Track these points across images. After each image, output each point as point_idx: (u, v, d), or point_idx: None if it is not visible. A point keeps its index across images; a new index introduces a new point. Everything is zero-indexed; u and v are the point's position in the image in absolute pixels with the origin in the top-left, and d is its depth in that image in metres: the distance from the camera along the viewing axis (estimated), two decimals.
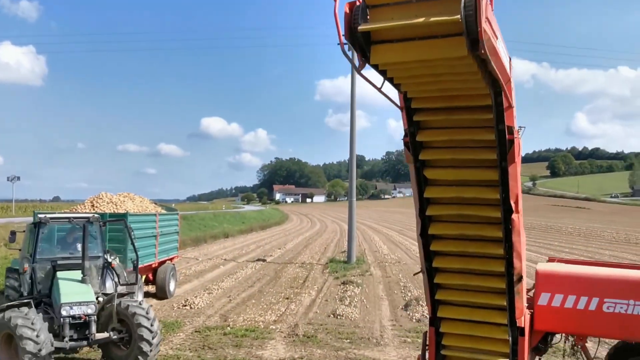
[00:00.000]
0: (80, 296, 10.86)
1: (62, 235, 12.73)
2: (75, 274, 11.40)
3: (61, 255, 11.97)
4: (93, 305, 10.83)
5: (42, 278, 11.50)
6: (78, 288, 11.09)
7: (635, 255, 33.53)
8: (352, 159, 32.03)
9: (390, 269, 27.38)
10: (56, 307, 10.62)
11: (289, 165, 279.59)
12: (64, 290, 10.83)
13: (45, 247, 11.90)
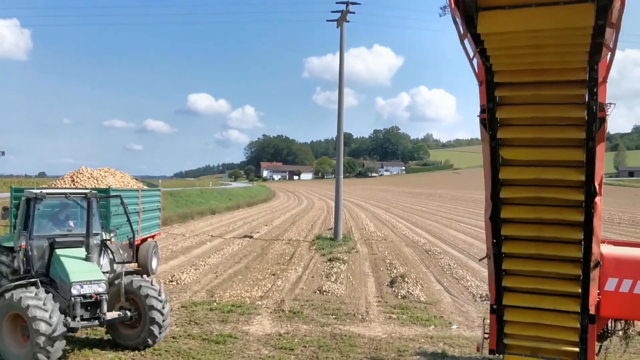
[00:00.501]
0: (89, 274, 10.48)
1: (57, 211, 12.12)
2: (75, 251, 11.08)
3: (58, 233, 11.49)
4: (104, 283, 10.46)
5: (38, 256, 11.03)
6: (85, 266, 10.75)
7: (619, 234, 33.91)
8: (340, 136, 32.02)
9: (377, 246, 27.55)
10: (64, 286, 10.23)
11: (277, 143, 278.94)
12: (71, 268, 10.44)
13: (40, 223, 11.34)
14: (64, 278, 10.28)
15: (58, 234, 11.39)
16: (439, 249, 26.50)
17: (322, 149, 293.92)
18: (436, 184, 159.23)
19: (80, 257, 10.92)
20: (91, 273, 10.57)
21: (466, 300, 15.96)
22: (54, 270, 10.68)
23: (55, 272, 10.66)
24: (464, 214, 53.06)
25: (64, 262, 10.58)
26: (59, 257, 10.76)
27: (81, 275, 10.35)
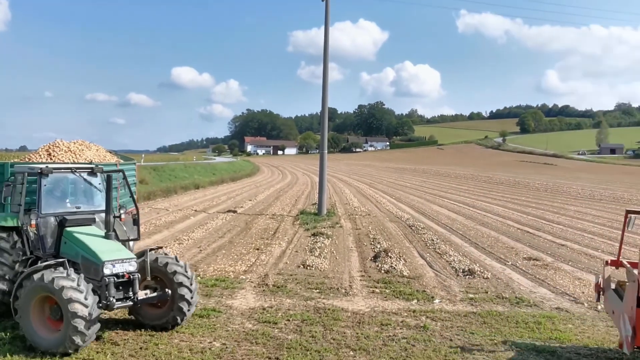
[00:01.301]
0: (119, 253, 10.04)
1: (60, 187, 11.38)
2: (89, 229, 10.66)
3: (67, 210, 10.95)
4: (134, 262, 10.06)
5: (48, 235, 10.55)
6: (111, 245, 10.29)
7: (599, 210, 34.36)
8: (324, 111, 31.92)
9: (360, 222, 27.67)
10: (92, 266, 9.67)
11: (261, 117, 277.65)
12: (97, 247, 9.95)
13: (46, 200, 10.72)
14: (90, 258, 9.80)
15: (67, 212, 10.88)
16: (423, 224, 26.68)
17: (307, 124, 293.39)
18: (420, 160, 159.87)
19: (99, 235, 10.52)
20: (120, 252, 10.17)
21: (449, 275, 16.12)
22: (70, 250, 10.22)
23: (72, 251, 10.17)
24: (447, 190, 53.38)
25: (86, 240, 10.14)
26: (76, 235, 10.33)
27: (111, 254, 9.90)
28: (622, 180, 76.96)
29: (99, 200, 11.37)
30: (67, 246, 10.35)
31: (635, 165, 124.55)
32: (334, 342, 10.27)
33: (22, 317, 9.33)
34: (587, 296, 13.71)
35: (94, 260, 9.75)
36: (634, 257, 10.65)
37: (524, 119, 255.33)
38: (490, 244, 21.29)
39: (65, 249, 10.35)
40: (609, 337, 10.79)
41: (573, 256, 18.98)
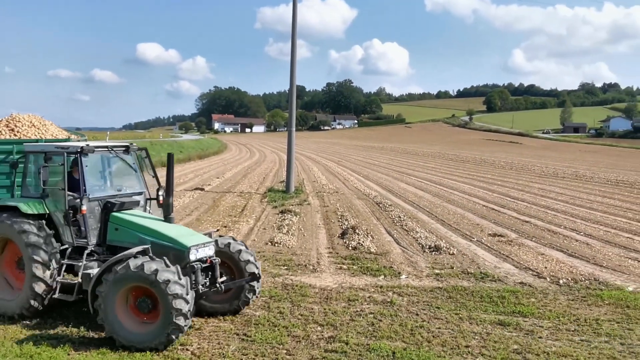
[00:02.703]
0: (197, 237, 9.65)
1: (97, 168, 10.71)
2: (141, 213, 10.22)
3: (110, 194, 10.35)
4: (212, 246, 9.68)
5: (94, 222, 9.94)
6: (182, 229, 9.96)
7: (562, 188, 35.01)
8: (292, 89, 31.75)
9: (328, 199, 27.74)
10: (173, 253, 9.09)
11: (229, 95, 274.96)
12: (172, 232, 9.50)
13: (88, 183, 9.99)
14: (170, 244, 9.26)
15: (109, 195, 10.27)
16: (390, 202, 26.87)
17: (275, 102, 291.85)
18: (388, 138, 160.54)
19: (158, 219, 10.07)
20: (196, 236, 9.77)
21: (415, 251, 16.30)
22: (125, 237, 9.66)
23: (128, 238, 9.61)
24: (414, 168, 53.78)
25: (154, 226, 9.64)
26: (134, 221, 9.79)
27: (192, 239, 9.48)
28: (584, 158, 78.52)
29: (135, 181, 10.88)
30: (120, 233, 9.76)
31: (597, 144, 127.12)
32: (301, 318, 10.34)
33: (106, 311, 8.67)
34: (549, 271, 14.01)
35: (176, 247, 9.23)
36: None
37: (491, 98, 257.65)
38: (456, 221, 21.56)
39: (116, 236, 9.80)
40: (569, 311, 11.07)
41: (537, 232, 19.34)
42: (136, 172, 10.89)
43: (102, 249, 9.95)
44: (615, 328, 10.10)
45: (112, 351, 8.82)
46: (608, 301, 11.67)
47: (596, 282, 13.10)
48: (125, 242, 9.61)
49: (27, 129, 13.75)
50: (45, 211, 9.95)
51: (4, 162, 11.77)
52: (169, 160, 9.93)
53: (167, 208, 9.96)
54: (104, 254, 9.85)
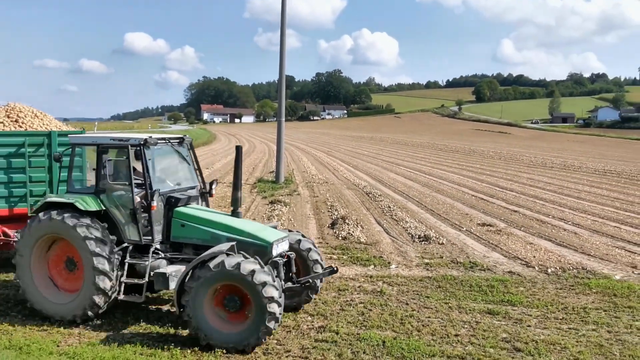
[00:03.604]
0: (274, 232, 9.43)
1: (159, 161, 10.22)
2: (203, 208, 9.95)
3: (172, 188, 9.90)
4: (287, 241, 9.53)
5: (158, 218, 9.52)
6: (255, 224, 9.72)
7: (551, 178, 35.20)
8: (282, 79, 31.63)
9: (318, 189, 27.74)
10: (254, 249, 8.82)
11: (217, 85, 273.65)
12: (249, 228, 9.28)
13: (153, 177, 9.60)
14: (250, 240, 9.01)
15: (171, 190, 9.84)
16: (380, 192, 26.91)
17: (264, 92, 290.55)
18: (377, 128, 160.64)
19: (225, 213, 9.83)
20: (272, 230, 9.53)
21: (405, 240, 16.35)
22: (193, 233, 9.35)
23: (195, 235, 9.33)
24: (404, 158, 53.86)
25: (228, 222, 9.37)
26: (203, 217, 9.47)
27: (271, 234, 9.26)
28: (572, 148, 78.95)
29: (189, 175, 10.51)
30: (186, 229, 9.41)
31: (585, 134, 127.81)
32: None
33: (194, 310, 8.38)
34: (537, 260, 14.11)
35: (258, 243, 9.00)
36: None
37: (480, 88, 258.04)
38: (445, 211, 21.64)
39: (182, 232, 9.45)
40: (557, 299, 11.16)
41: (525, 222, 19.46)
42: (189, 165, 10.52)
43: (166, 246, 9.61)
44: (602, 316, 10.20)
45: (101, 343, 8.81)
46: (595, 290, 11.78)
47: (584, 271, 13.21)
48: (194, 238, 9.37)
49: (31, 120, 13.20)
50: (101, 208, 9.50)
51: (15, 155, 11.71)
52: (238, 154, 9.60)
53: (236, 202, 9.71)
54: (168, 252, 9.55)
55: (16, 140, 11.82)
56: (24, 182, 11.93)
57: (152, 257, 9.40)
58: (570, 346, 8.75)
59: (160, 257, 9.49)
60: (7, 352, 8.25)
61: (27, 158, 11.86)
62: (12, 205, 11.92)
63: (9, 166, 11.81)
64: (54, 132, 12.10)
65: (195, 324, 8.41)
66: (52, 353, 8.38)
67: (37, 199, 11.58)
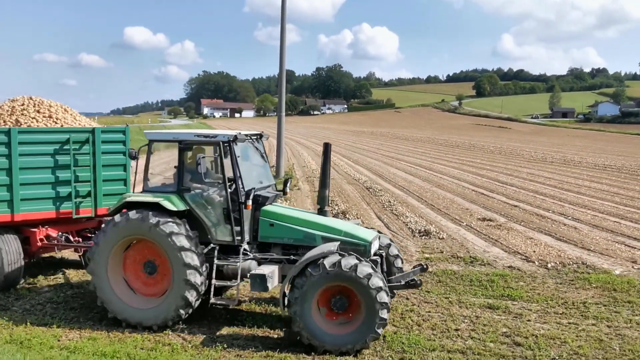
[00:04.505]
0: (367, 231, 9.32)
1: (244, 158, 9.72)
2: (288, 207, 9.74)
3: (257, 186, 9.49)
4: (378, 238, 9.43)
5: (247, 216, 9.16)
6: (345, 223, 9.50)
7: (551, 172, 35.20)
8: (282, 74, 31.59)
9: (318, 184, 27.68)
10: (352, 248, 8.65)
11: (218, 79, 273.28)
12: (344, 227, 9.08)
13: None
14: (348, 239, 8.84)
15: (256, 188, 9.41)
16: (380, 187, 26.92)
17: (264, 87, 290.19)
18: (378, 123, 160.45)
19: (312, 212, 9.70)
20: (363, 229, 9.37)
21: (405, 235, 16.36)
22: (283, 233, 9.12)
23: (285, 235, 9.09)
24: (404, 153, 53.85)
25: (320, 221, 9.19)
26: (293, 215, 9.28)
27: (366, 232, 9.12)
28: (572, 143, 78.89)
29: (266, 172, 10.29)
30: (275, 229, 9.17)
31: (586, 129, 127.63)
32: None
33: (302, 312, 8.16)
34: (537, 255, 14.12)
35: (357, 242, 8.86)
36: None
37: (480, 83, 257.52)
38: (445, 206, 21.65)
39: (271, 232, 9.21)
40: (557, 294, 11.17)
41: (525, 217, 19.47)
42: (266, 163, 10.28)
43: (252, 247, 9.33)
44: (602, 311, 10.22)
45: (102, 338, 8.83)
46: (595, 284, 11.79)
47: (584, 266, 13.22)
48: (285, 238, 9.14)
49: (63, 116, 12.56)
50: (186, 207, 9.14)
51: (60, 153, 11.04)
52: (326, 151, 9.44)
53: (323, 200, 9.59)
54: (254, 252, 9.28)
55: (61, 137, 11.07)
56: (69, 181, 11.17)
57: (235, 258, 9.11)
58: (570, 341, 8.77)
59: (249, 257, 9.17)
60: (8, 346, 8.27)
61: (72, 156, 11.11)
62: (58, 206, 11.18)
63: (55, 165, 11.07)
64: (97, 128, 11.49)
65: (302, 324, 8.19)
66: (53, 347, 8.40)
67: (80, 200, 11.29)
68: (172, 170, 10.26)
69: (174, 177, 9.59)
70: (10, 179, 10.58)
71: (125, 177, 11.83)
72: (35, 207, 10.96)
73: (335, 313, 8.40)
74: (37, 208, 10.98)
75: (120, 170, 11.77)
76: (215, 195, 9.25)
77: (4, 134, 10.50)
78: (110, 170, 11.64)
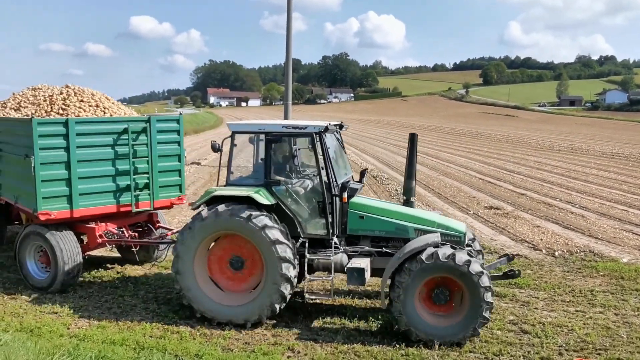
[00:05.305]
0: (458, 222, 9.29)
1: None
2: (376, 199, 9.60)
3: (343, 178, 9.36)
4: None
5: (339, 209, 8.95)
6: (435, 214, 9.35)
7: (558, 161, 35.06)
8: (288, 62, 31.49)
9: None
10: (449, 239, 8.60)
11: (224, 68, 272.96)
12: (435, 218, 8.99)
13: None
14: (445, 230, 8.75)
15: (344, 180, 9.26)
16: (387, 175, 26.90)
17: (270, 75, 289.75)
18: (384, 111, 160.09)
19: (398, 203, 9.59)
20: (453, 220, 9.27)
21: None
22: (374, 226, 8.97)
23: (376, 227, 8.95)
24: None
25: (411, 212, 9.09)
26: (383, 207, 9.17)
27: (459, 224, 9.10)
28: (580, 131, 78.49)
29: (346, 163, 10.11)
30: (366, 221, 9.01)
31: (593, 117, 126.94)
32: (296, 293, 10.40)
33: (405, 304, 8.10)
34: (545, 243, 14.11)
35: (452, 233, 8.77)
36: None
37: (487, 71, 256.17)
38: (452, 194, 21.63)
39: (361, 224, 9.03)
40: (564, 282, 11.17)
41: (532, 205, 19.42)
42: (345, 153, 10.07)
43: (340, 240, 9.12)
44: (609, 299, 10.22)
45: (111, 326, 8.90)
46: (603, 272, 11.79)
47: (591, 254, 13.21)
48: (376, 230, 8.98)
49: (109, 105, 12.10)
50: (275, 201, 8.88)
51: (119, 144, 10.59)
52: (412, 141, 9.23)
53: (410, 192, 9.45)
54: (343, 245, 9.11)
55: (118, 127, 10.57)
56: (127, 173, 10.72)
57: (324, 252, 8.96)
58: (577, 328, 8.78)
59: (340, 251, 9.01)
60: (18, 334, 8.34)
61: (130, 147, 10.66)
62: (118, 200, 10.77)
63: (114, 156, 10.61)
64: (153, 117, 11.08)
65: (407, 321, 8.13)
66: (63, 335, 8.48)
67: (138, 193, 10.90)
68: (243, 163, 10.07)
69: (254, 169, 9.44)
70: (69, 172, 10.12)
71: (180, 167, 11.46)
72: (95, 201, 10.50)
73: (437, 305, 8.30)
74: (97, 203, 10.53)
75: (175, 161, 11.39)
76: (308, 188, 9.09)
77: (61, 124, 10.03)
78: (166, 161, 11.24)
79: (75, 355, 7.35)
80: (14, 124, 10.88)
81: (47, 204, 10.01)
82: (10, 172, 11.22)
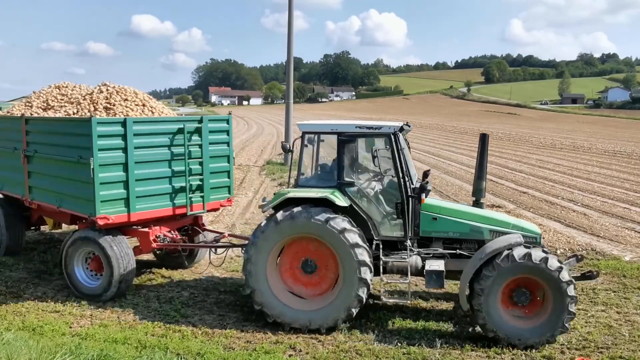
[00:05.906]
0: (528, 223, 9.33)
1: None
2: (445, 201, 9.50)
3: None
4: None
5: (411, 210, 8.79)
6: (504, 215, 9.43)
7: (560, 159, 35.02)
8: (290, 61, 31.50)
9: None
10: (525, 240, 8.50)
11: (225, 67, 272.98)
12: (507, 219, 9.00)
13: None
14: (521, 232, 8.66)
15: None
16: None
17: (272, 74, 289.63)
18: (386, 110, 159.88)
19: (468, 204, 9.58)
20: (524, 221, 9.26)
21: None
22: (448, 227, 8.82)
23: (451, 228, 8.80)
24: (412, 139, 53.38)
25: (485, 213, 9.03)
26: (455, 209, 9.08)
27: (531, 225, 9.10)
28: (582, 129, 78.38)
29: (411, 163, 9.65)
30: (439, 223, 8.85)
31: (595, 115, 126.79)
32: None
33: (487, 305, 8.03)
34: (547, 241, 14.09)
35: (529, 234, 8.72)
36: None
37: (489, 69, 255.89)
38: (454, 192, 21.60)
39: (434, 226, 8.86)
40: None
41: (534, 203, 19.41)
42: (410, 154, 9.78)
43: (414, 242, 8.96)
44: (611, 297, 10.22)
45: (113, 324, 8.91)
46: (605, 271, 11.78)
47: (593, 252, 13.20)
48: (449, 232, 8.84)
49: (155, 104, 11.78)
50: (349, 203, 8.71)
51: (174, 144, 10.32)
52: (484, 141, 9.09)
53: (480, 192, 9.29)
54: (416, 247, 8.97)
55: (174, 127, 10.33)
56: (182, 175, 10.46)
57: (396, 253, 8.87)
58: (580, 327, 8.78)
59: (414, 253, 8.90)
60: (21, 333, 8.36)
61: (186, 147, 10.41)
62: (174, 203, 10.48)
63: (171, 157, 10.34)
64: (205, 117, 10.87)
65: (492, 326, 8.06)
66: (65, 334, 8.49)
67: (192, 195, 10.66)
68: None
69: (322, 170, 9.29)
70: (127, 174, 9.77)
71: (229, 169, 11.28)
72: (151, 204, 10.18)
73: (517, 306, 8.23)
74: (153, 206, 10.21)
75: (224, 162, 11.19)
76: (381, 189, 9.03)
77: (120, 124, 9.68)
78: (216, 162, 11.01)
79: (77, 353, 7.36)
80: (64, 124, 10.37)
81: (105, 207, 9.64)
82: (49, 175, 10.68)
